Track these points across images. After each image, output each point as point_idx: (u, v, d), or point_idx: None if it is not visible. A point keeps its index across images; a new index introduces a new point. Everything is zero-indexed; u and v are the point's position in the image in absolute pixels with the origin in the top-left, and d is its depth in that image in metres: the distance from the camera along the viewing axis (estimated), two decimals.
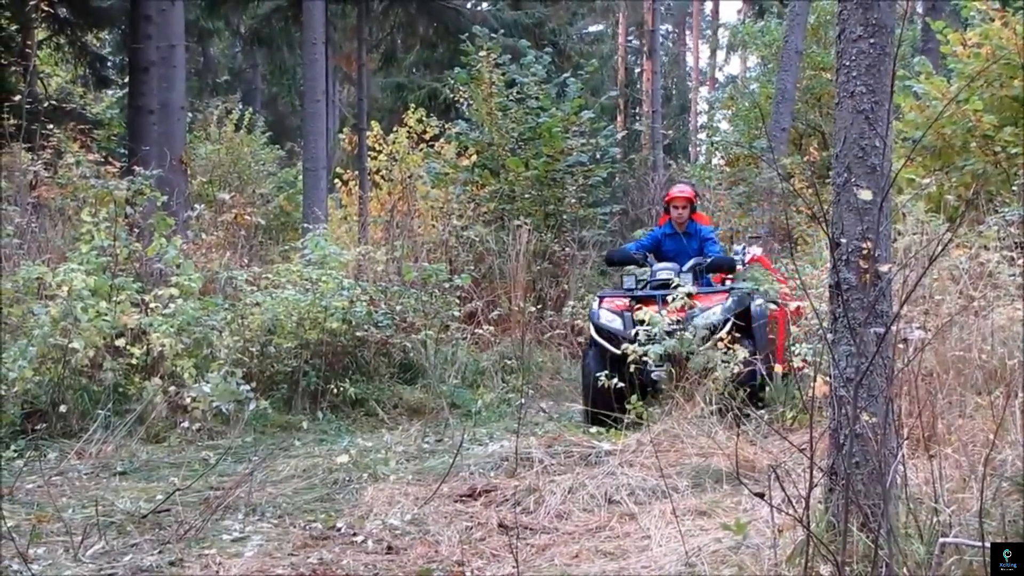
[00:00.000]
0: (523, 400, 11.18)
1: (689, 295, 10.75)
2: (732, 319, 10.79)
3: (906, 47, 22.79)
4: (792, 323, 11.23)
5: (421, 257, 15.70)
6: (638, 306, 10.96)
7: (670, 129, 39.23)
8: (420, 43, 29.58)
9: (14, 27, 19.55)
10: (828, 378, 5.63)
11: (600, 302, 11.39)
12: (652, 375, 10.38)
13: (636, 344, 10.47)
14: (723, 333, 10.34)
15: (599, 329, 11.09)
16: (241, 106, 28.99)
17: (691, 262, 11.59)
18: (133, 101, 16.03)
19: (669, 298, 10.78)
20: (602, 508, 7.73)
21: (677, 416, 9.82)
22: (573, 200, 17.62)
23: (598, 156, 18.84)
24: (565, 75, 19.54)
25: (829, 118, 22.28)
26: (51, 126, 15.50)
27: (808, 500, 5.10)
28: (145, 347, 10.81)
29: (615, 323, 11.00)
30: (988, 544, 4.71)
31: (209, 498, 8.07)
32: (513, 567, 6.11)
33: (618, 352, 10.60)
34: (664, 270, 11.43)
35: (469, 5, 30.87)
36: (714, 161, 27.20)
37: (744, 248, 13.02)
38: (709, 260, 11.57)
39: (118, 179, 13.00)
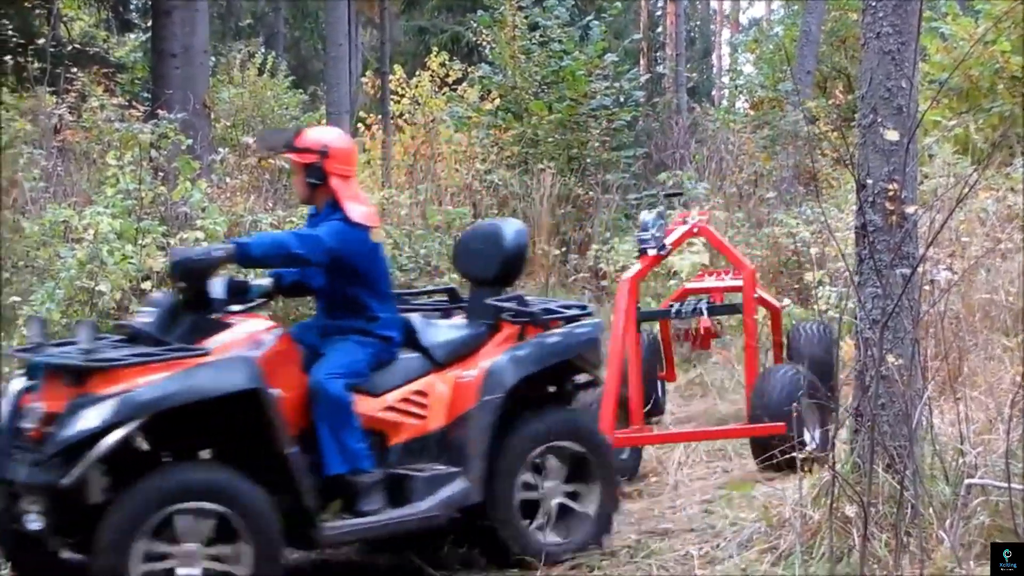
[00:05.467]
0: None
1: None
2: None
3: None
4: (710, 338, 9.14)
5: (445, 201, 15.67)
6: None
7: (694, 72, 38.98)
8: None
9: None
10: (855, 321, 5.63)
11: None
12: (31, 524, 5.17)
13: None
14: None
15: None
16: (264, 50, 28.90)
17: None
18: (156, 45, 16.02)
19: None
20: None
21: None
22: (597, 144, 17.52)
23: (621, 99, 18.71)
24: (588, 18, 19.39)
25: (854, 60, 22.09)
26: (75, 70, 15.46)
27: (833, 441, 5.12)
28: None
29: None
30: (1015, 485, 4.72)
31: None
32: None
33: None
34: None
35: None
36: (738, 104, 27.06)
37: (657, 219, 8.31)
38: None
39: (142, 122, 13.01)
